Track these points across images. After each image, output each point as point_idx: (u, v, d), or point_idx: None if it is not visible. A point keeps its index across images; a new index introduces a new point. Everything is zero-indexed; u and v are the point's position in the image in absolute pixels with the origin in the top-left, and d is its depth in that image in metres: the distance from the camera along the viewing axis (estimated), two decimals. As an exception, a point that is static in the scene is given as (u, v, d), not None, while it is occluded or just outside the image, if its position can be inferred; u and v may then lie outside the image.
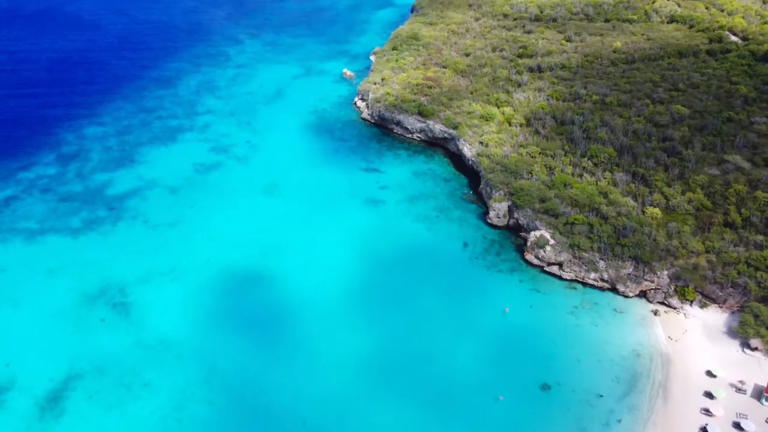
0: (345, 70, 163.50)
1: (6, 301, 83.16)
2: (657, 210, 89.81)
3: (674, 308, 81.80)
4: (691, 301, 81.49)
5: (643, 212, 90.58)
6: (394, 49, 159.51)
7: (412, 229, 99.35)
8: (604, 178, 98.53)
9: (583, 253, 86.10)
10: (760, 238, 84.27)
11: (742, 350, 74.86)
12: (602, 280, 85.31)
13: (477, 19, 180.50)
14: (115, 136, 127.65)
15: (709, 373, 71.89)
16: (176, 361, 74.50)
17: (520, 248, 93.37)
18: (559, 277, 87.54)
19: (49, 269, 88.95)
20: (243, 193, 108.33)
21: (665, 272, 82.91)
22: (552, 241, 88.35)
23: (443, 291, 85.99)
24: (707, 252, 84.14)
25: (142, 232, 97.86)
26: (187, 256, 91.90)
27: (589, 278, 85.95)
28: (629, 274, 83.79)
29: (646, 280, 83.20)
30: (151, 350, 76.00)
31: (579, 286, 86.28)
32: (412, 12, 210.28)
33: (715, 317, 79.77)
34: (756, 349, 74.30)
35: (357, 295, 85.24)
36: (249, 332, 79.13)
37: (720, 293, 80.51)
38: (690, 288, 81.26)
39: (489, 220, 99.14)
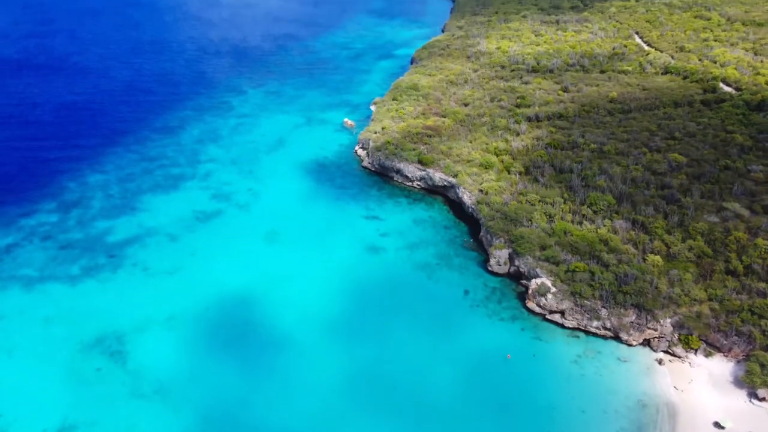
0: (346, 119, 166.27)
1: (1, 350, 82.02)
2: (658, 257, 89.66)
3: (679, 357, 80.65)
4: (696, 350, 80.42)
5: (644, 260, 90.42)
6: (394, 99, 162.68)
7: (412, 276, 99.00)
8: (604, 225, 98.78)
9: (585, 301, 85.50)
10: (762, 285, 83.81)
11: (750, 401, 73.40)
12: (605, 328, 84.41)
13: (475, 70, 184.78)
14: (117, 184, 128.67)
15: (717, 425, 70.27)
16: (171, 412, 72.82)
17: (522, 296, 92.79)
18: (562, 326, 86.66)
19: (47, 317, 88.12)
20: (243, 240, 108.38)
21: (668, 320, 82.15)
22: (553, 289, 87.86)
23: (444, 339, 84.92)
24: (710, 300, 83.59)
25: (141, 279, 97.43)
26: (185, 303, 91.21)
27: (591, 326, 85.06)
28: (632, 322, 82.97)
29: (649, 328, 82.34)
30: (146, 400, 74.43)
31: (582, 335, 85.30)
32: (411, 63, 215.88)
33: (721, 366, 78.55)
34: (764, 399, 72.86)
35: (357, 344, 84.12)
36: (246, 382, 77.69)
37: (724, 342, 79.52)
38: (694, 336, 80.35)
39: (490, 268, 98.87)
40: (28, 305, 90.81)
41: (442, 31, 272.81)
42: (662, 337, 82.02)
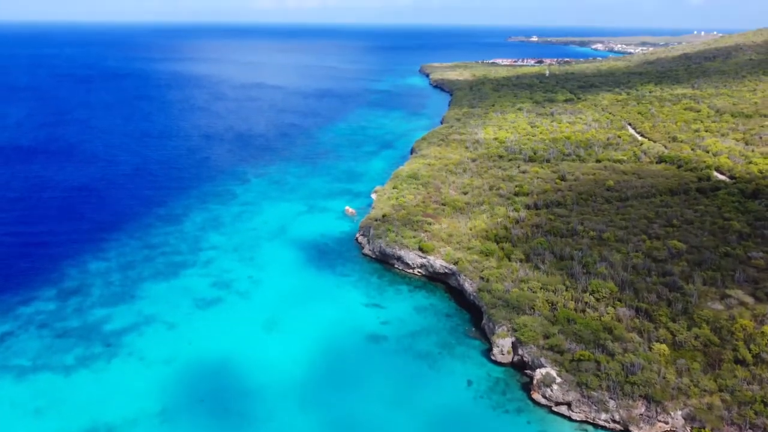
0: (347, 207, 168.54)
1: (-13, 445, 79.11)
2: (664, 346, 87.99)
3: (693, 452, 77.33)
4: (710, 445, 77.20)
5: (650, 348, 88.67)
6: (394, 187, 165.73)
7: (413, 366, 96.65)
8: (607, 313, 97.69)
9: (592, 392, 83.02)
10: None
11: (771, 500, 69.69)
12: (614, 421, 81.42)
13: (473, 160, 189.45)
14: (118, 271, 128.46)
15: None
16: None
17: (527, 386, 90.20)
18: (569, 418, 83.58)
19: (37, 409, 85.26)
20: (242, 329, 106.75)
21: (679, 412, 79.38)
22: (559, 379, 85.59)
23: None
24: (720, 390, 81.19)
25: (136, 369, 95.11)
26: (179, 395, 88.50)
27: (600, 419, 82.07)
28: (641, 414, 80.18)
29: (659, 421, 79.44)
30: (135, 500, 70.89)
31: (590, 428, 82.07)
32: (411, 153, 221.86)
33: (737, 463, 75.13)
34: (785, 499, 69.22)
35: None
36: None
37: (739, 436, 76.52)
38: (707, 430, 77.33)
39: (493, 357, 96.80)
40: (18, 396, 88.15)
41: (441, 123, 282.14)
42: (674, 431, 79.00)
